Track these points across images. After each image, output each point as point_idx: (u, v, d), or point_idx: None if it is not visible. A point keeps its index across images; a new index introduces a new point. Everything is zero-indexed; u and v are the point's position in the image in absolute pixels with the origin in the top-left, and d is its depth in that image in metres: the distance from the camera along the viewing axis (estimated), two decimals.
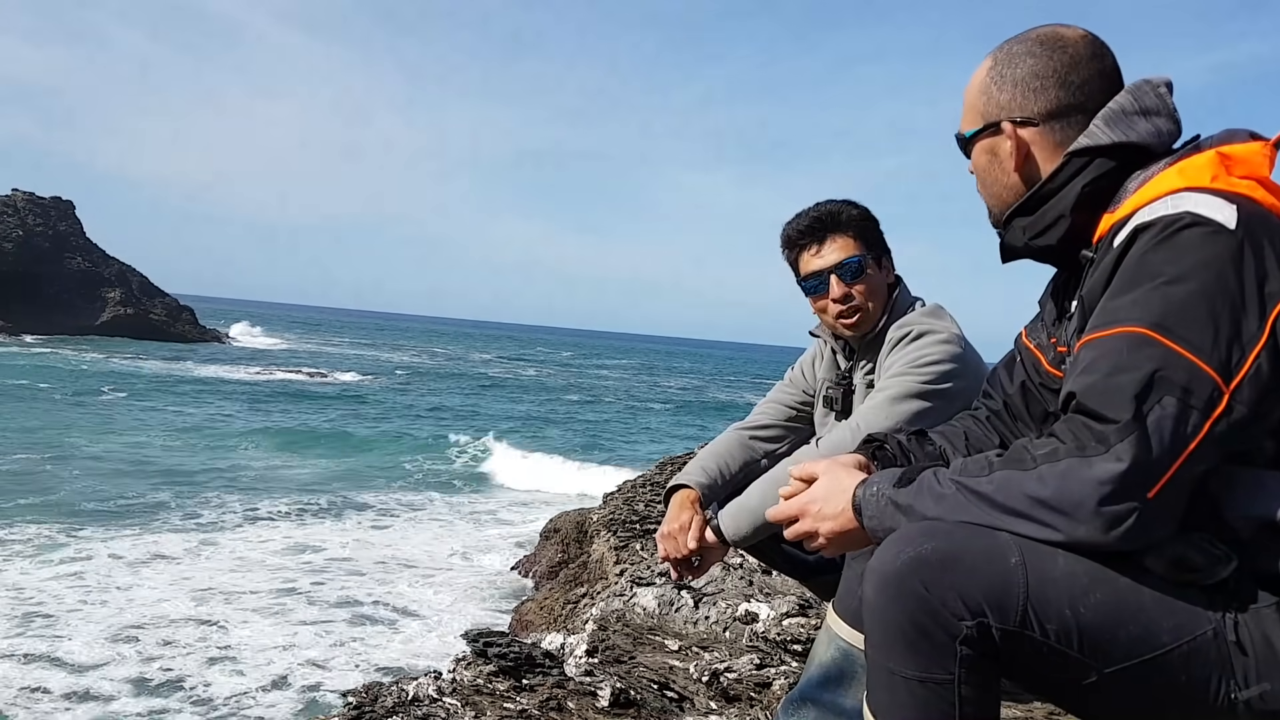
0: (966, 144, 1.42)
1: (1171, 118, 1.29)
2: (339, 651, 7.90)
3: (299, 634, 8.17)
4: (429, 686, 2.57)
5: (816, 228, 2.23)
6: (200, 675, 7.15)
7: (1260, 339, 1.07)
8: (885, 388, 2.04)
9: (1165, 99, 1.30)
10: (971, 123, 1.40)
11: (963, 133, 1.42)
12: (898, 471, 1.25)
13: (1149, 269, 1.11)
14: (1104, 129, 1.28)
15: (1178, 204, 1.14)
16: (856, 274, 2.19)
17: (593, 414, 33.31)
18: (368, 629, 8.52)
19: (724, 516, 2.10)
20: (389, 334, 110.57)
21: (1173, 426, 1.05)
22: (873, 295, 2.20)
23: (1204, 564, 1.10)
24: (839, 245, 2.21)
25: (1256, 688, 1.08)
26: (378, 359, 56.84)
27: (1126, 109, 1.28)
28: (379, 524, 13.25)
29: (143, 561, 10.34)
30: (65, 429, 19.50)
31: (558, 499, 15.87)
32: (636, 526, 5.79)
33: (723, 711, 2.55)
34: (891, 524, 1.20)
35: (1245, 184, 1.16)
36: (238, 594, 9.25)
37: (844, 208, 2.23)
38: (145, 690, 6.88)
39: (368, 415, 26.99)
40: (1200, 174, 1.17)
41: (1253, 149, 1.21)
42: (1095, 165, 1.27)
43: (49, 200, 52.52)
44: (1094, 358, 1.12)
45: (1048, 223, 1.31)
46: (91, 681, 6.93)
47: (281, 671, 7.35)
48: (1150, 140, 1.27)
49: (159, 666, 7.29)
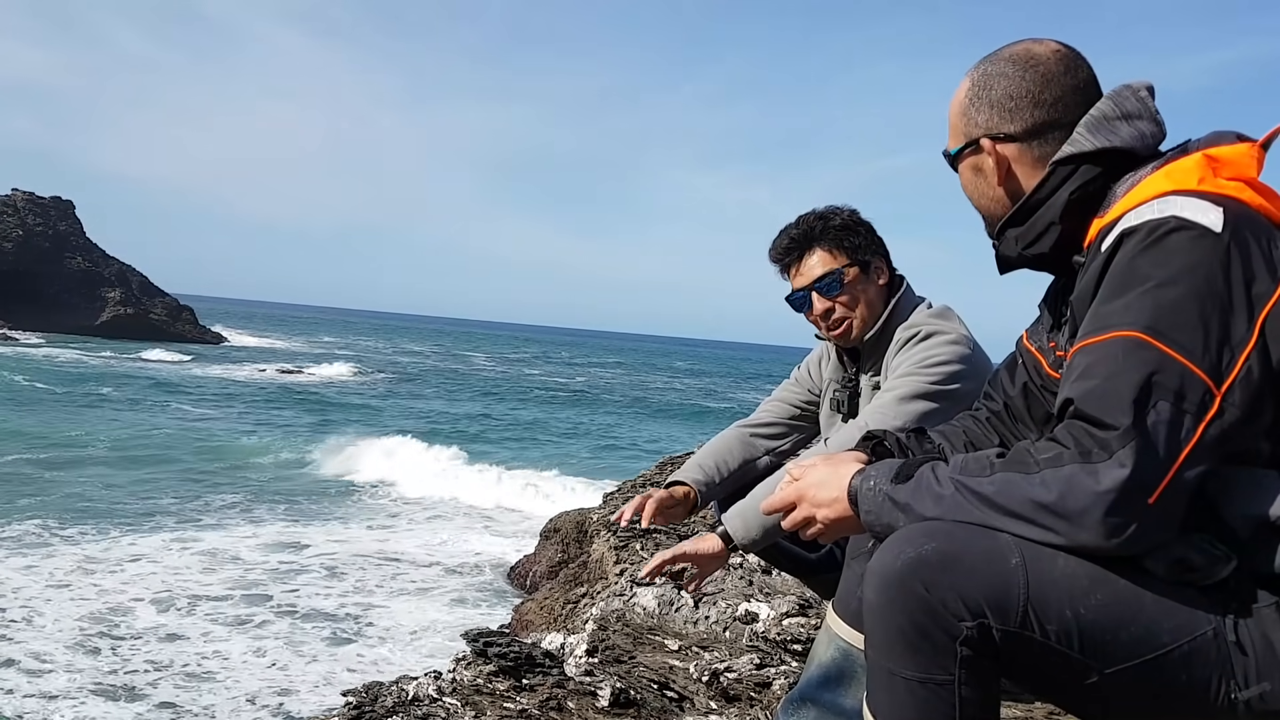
0: (953, 160, 1.44)
1: (1154, 120, 1.30)
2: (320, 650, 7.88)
3: (268, 645, 8.08)
4: (429, 686, 2.57)
5: (793, 247, 2.25)
6: (177, 683, 7.07)
7: (1250, 341, 1.08)
8: (893, 388, 2.04)
9: (1146, 102, 1.31)
10: (955, 141, 1.43)
11: (949, 150, 1.44)
12: (895, 464, 1.25)
13: (1138, 273, 1.12)
14: (1087, 135, 1.29)
15: (1164, 208, 1.14)
16: (834, 288, 2.20)
17: (599, 418, 32.88)
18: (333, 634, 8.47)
19: (731, 520, 2.07)
20: (387, 333, 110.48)
21: (1167, 432, 1.05)
22: (857, 305, 2.20)
23: (1204, 564, 1.11)
24: (816, 260, 2.22)
25: (1256, 688, 1.09)
26: (377, 357, 56.84)
27: (1108, 115, 1.29)
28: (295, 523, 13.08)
29: (129, 559, 10.33)
30: (64, 429, 19.50)
31: (454, 508, 14.93)
32: (636, 526, 5.79)
33: (723, 711, 2.55)
34: (889, 520, 1.20)
35: (1232, 185, 1.16)
36: (205, 598, 9.18)
37: (819, 221, 2.23)
38: (104, 694, 6.79)
39: (340, 414, 26.81)
40: (1187, 177, 1.18)
41: (1240, 150, 1.21)
42: (1081, 172, 1.29)
43: (49, 200, 52.54)
44: (1089, 363, 1.12)
45: (1039, 231, 1.33)
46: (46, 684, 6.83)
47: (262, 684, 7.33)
48: (1134, 144, 1.28)
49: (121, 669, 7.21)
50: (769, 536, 2.04)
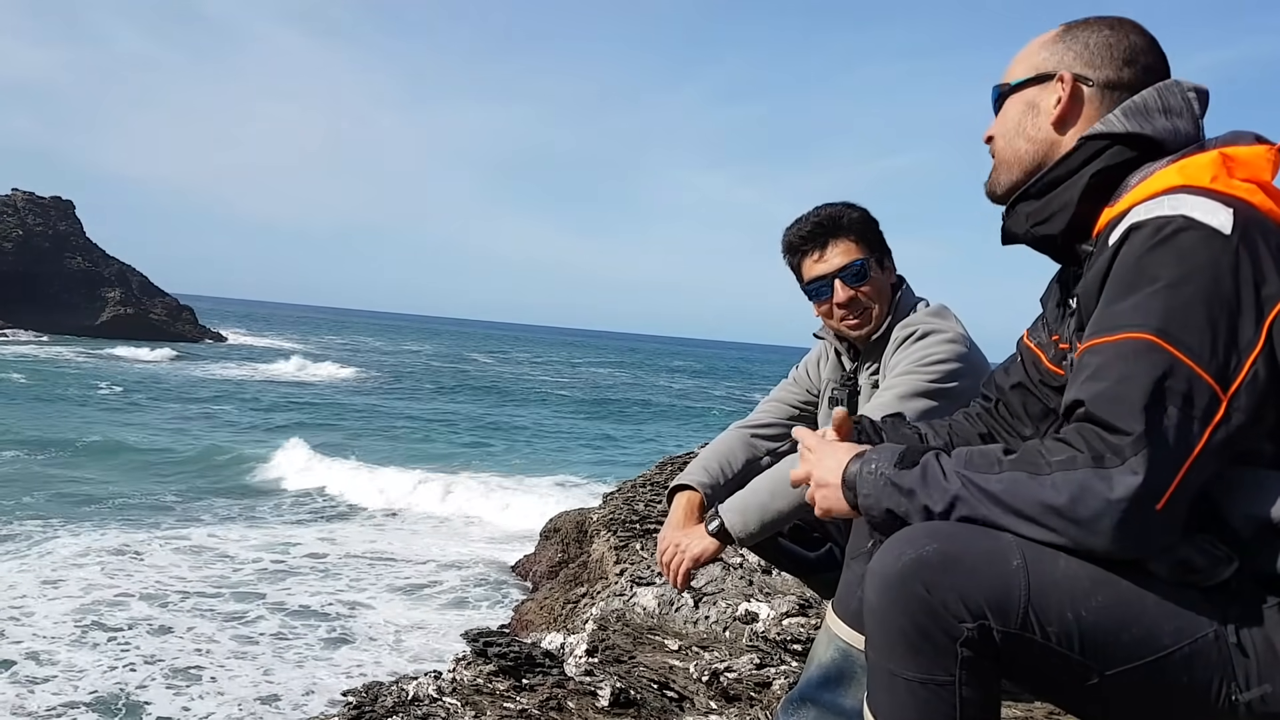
0: (1005, 95, 1.41)
1: (1194, 121, 1.28)
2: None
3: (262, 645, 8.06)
4: (429, 686, 2.57)
5: (818, 233, 2.22)
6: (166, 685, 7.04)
7: (1257, 345, 1.08)
8: (892, 386, 2.04)
9: (1191, 103, 1.29)
10: (1023, 72, 1.39)
11: (1008, 82, 1.41)
12: (898, 449, 1.23)
13: (1147, 272, 1.11)
14: (1120, 118, 1.28)
15: (1175, 205, 1.13)
16: (860, 277, 2.19)
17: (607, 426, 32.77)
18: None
19: (729, 514, 2.07)
20: (388, 333, 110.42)
21: (1175, 437, 1.05)
22: (877, 297, 2.21)
23: (1206, 565, 1.10)
24: (841, 249, 2.20)
25: (1258, 690, 1.09)
26: (377, 357, 56.82)
27: (1149, 105, 1.28)
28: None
29: (117, 554, 10.31)
30: (61, 428, 19.48)
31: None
32: (636, 526, 5.78)
33: (723, 711, 2.55)
34: (890, 504, 1.19)
35: (1245, 187, 1.15)
36: (195, 594, 9.15)
37: (844, 211, 2.23)
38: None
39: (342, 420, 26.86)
40: (1200, 173, 1.17)
41: (1257, 152, 1.20)
42: (1110, 153, 1.27)
43: (49, 200, 52.52)
44: (1099, 364, 1.11)
45: (1053, 210, 1.31)
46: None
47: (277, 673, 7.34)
48: (1165, 137, 1.26)
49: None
50: (766, 530, 2.04)
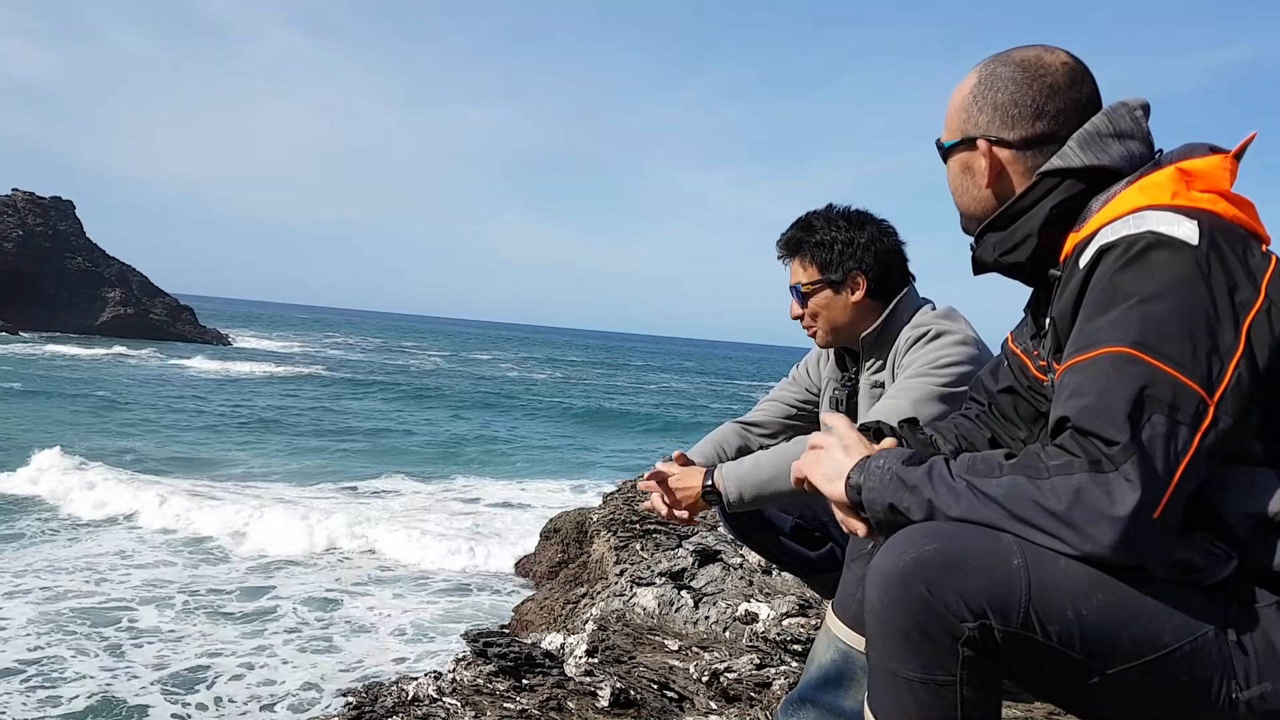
0: (945, 153, 1.45)
1: (1145, 141, 1.30)
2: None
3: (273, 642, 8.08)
4: (429, 686, 2.57)
5: (787, 245, 2.32)
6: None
7: (1238, 349, 1.09)
8: (906, 389, 2.02)
9: (1140, 122, 1.31)
10: (951, 135, 1.43)
11: (942, 142, 1.45)
12: (906, 450, 1.25)
13: (1121, 290, 1.12)
14: (1077, 151, 1.29)
15: (1140, 223, 1.15)
16: (801, 299, 2.28)
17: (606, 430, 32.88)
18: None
19: (726, 477, 2.09)
20: (389, 333, 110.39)
21: (1164, 444, 1.06)
22: (817, 318, 2.27)
23: (1205, 564, 1.11)
24: (795, 267, 2.30)
25: (1258, 688, 1.09)
26: (377, 358, 56.83)
27: (1101, 131, 1.29)
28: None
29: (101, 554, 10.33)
30: (60, 428, 19.47)
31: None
32: (636, 526, 5.78)
33: (723, 711, 2.55)
34: (893, 498, 1.19)
35: (1206, 198, 1.17)
36: (193, 593, 9.16)
37: (800, 232, 2.29)
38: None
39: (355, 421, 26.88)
40: (1161, 191, 1.19)
41: (1212, 163, 1.22)
42: (1065, 186, 1.29)
43: (49, 200, 52.48)
44: (1079, 382, 1.12)
45: (1017, 240, 1.34)
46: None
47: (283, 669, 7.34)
48: (1121, 164, 1.28)
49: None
50: (758, 502, 2.06)
